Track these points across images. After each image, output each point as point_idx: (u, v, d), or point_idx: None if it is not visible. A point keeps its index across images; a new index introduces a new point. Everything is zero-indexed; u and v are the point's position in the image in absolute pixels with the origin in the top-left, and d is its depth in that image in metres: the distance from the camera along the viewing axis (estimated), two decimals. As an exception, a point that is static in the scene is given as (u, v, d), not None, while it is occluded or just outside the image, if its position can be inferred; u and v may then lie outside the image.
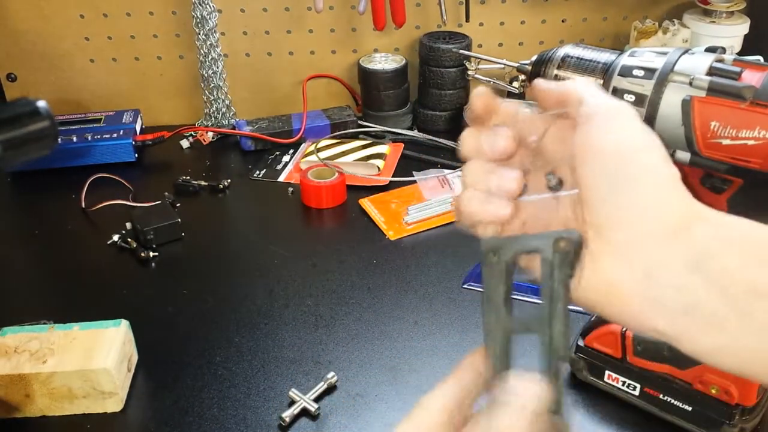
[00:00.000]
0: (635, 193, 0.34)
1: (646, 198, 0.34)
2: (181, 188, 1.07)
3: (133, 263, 0.92)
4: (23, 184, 1.11)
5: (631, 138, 0.35)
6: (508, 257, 0.35)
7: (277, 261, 0.92)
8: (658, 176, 0.34)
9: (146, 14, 1.19)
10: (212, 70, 1.18)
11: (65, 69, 1.23)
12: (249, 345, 0.78)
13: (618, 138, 0.35)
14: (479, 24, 1.24)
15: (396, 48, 1.25)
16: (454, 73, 1.18)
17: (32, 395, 0.68)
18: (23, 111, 0.47)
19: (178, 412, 0.70)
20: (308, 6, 1.18)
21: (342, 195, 1.03)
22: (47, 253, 0.97)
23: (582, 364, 0.70)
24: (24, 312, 0.81)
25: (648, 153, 0.35)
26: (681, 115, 0.54)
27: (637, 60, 0.57)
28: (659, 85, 0.55)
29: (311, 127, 1.19)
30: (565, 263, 0.34)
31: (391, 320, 0.81)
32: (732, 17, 1.15)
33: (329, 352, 0.76)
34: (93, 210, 1.02)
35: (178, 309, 0.84)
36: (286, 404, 0.70)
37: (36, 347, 0.70)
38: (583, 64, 0.61)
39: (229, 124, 1.23)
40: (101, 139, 1.12)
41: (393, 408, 0.70)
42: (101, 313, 0.75)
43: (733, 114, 0.51)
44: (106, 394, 0.69)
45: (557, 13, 1.24)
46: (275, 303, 0.84)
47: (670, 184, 0.34)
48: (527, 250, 0.35)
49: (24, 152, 0.47)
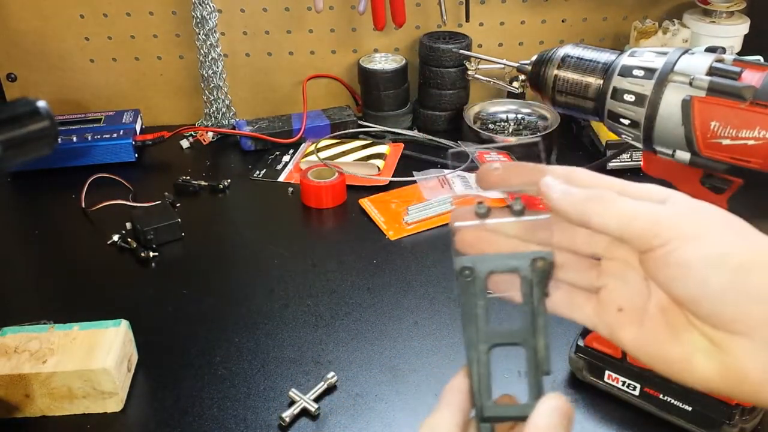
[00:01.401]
0: (757, 297, 0.32)
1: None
2: (181, 188, 1.07)
3: (133, 263, 0.92)
4: (23, 184, 1.11)
5: (729, 251, 0.33)
6: (483, 275, 0.36)
7: (277, 261, 0.92)
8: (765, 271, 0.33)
9: (146, 14, 1.19)
10: (212, 70, 1.18)
11: (65, 69, 1.23)
12: (249, 345, 0.78)
13: (718, 252, 0.33)
14: (479, 24, 1.24)
15: (396, 48, 1.25)
16: (454, 73, 1.18)
17: (32, 395, 0.68)
18: (23, 111, 0.46)
19: (178, 412, 0.70)
20: (308, 6, 1.18)
21: (342, 195, 1.03)
22: (47, 253, 0.97)
23: (582, 364, 0.70)
24: (24, 312, 0.81)
25: (751, 259, 0.33)
26: (681, 115, 0.54)
27: (637, 60, 0.57)
28: (659, 85, 0.55)
29: (311, 127, 1.19)
30: (543, 281, 0.36)
31: (391, 320, 0.81)
32: (732, 17, 1.15)
33: (329, 352, 0.76)
34: (93, 210, 1.02)
35: (178, 309, 0.84)
36: (286, 404, 0.70)
37: (36, 347, 0.70)
38: (583, 64, 0.61)
39: (229, 124, 1.23)
40: (101, 139, 1.12)
41: (393, 408, 0.70)
42: (101, 313, 0.75)
43: (733, 114, 0.51)
44: (106, 394, 0.69)
45: (557, 13, 1.24)
46: (275, 303, 0.84)
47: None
48: (503, 269, 0.36)
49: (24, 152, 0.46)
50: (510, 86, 1.04)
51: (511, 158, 1.11)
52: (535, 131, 1.17)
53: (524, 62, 0.68)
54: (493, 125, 1.20)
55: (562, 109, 0.65)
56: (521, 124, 1.20)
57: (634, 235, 0.34)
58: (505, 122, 1.20)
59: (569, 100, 0.63)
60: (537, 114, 1.20)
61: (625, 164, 1.07)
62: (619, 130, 0.59)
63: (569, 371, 0.72)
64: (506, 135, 1.17)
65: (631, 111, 0.57)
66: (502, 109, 1.22)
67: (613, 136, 0.70)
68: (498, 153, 1.12)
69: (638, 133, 0.57)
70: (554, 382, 0.72)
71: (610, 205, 0.35)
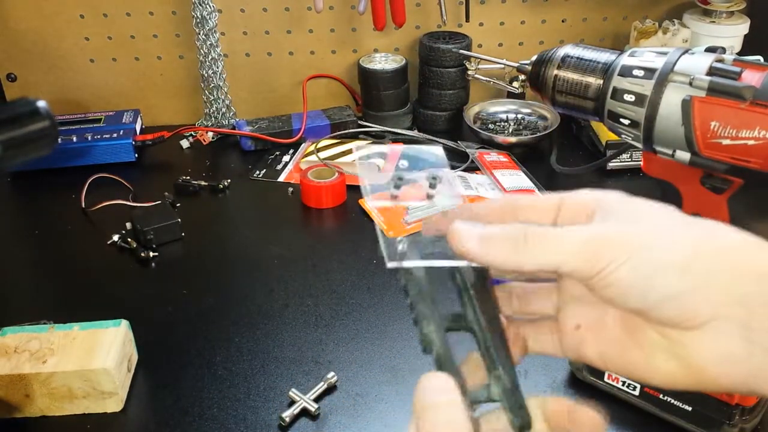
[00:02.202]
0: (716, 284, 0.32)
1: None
2: (181, 188, 1.07)
3: (133, 263, 0.92)
4: (23, 184, 1.11)
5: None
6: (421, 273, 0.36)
7: (277, 261, 0.92)
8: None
9: (146, 14, 1.19)
10: (212, 70, 1.18)
11: (65, 69, 1.23)
12: (249, 345, 0.78)
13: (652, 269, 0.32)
14: (479, 24, 1.24)
15: (396, 48, 1.25)
16: (454, 73, 1.18)
17: (32, 395, 0.68)
18: (23, 111, 0.46)
19: (178, 412, 0.70)
20: (308, 6, 1.18)
21: (342, 195, 1.03)
22: (47, 253, 0.97)
23: (582, 364, 0.70)
24: (24, 312, 0.81)
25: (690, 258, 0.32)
26: (681, 115, 0.54)
27: (637, 60, 0.57)
28: (659, 85, 0.55)
29: (311, 127, 1.19)
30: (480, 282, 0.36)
31: (391, 320, 0.81)
32: (732, 17, 1.15)
33: (329, 352, 0.76)
34: (93, 210, 1.02)
35: (178, 309, 0.84)
36: (286, 404, 0.70)
37: (36, 347, 0.70)
38: (583, 64, 0.61)
39: (229, 124, 1.23)
40: (101, 139, 1.12)
41: (393, 408, 0.70)
42: (101, 313, 0.75)
43: (733, 114, 0.51)
44: (106, 394, 0.69)
45: (557, 13, 1.24)
46: (275, 303, 0.84)
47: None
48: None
49: (24, 152, 0.46)
50: (510, 86, 1.04)
51: (511, 158, 1.11)
52: (535, 131, 1.17)
53: (524, 62, 0.68)
54: (493, 125, 1.20)
55: (562, 109, 0.65)
56: (521, 124, 1.20)
57: (570, 271, 0.33)
58: (505, 122, 1.20)
59: (569, 100, 0.63)
60: (537, 114, 1.20)
61: (625, 164, 1.07)
62: (619, 130, 0.59)
63: (569, 371, 0.72)
64: (506, 135, 1.17)
65: (631, 111, 0.57)
66: (502, 109, 1.22)
67: (613, 136, 0.70)
68: (498, 153, 1.12)
69: (638, 133, 0.57)
70: (554, 382, 0.72)
71: (537, 246, 0.33)
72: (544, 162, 1.10)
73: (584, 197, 0.36)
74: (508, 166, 1.08)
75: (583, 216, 0.35)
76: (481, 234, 0.34)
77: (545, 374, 0.73)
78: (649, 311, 0.33)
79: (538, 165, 1.10)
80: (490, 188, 1.02)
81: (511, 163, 1.10)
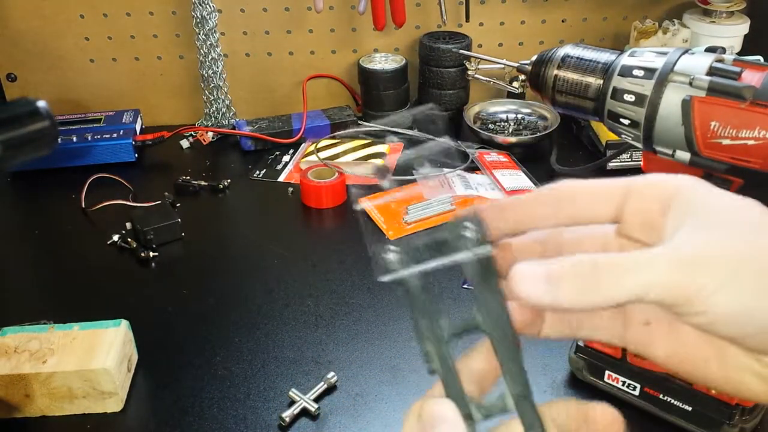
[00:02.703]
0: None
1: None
2: (181, 188, 1.07)
3: (133, 263, 0.92)
4: (23, 184, 1.11)
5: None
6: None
7: (277, 261, 0.92)
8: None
9: (146, 14, 1.19)
10: (212, 70, 1.18)
11: (65, 69, 1.23)
12: (249, 345, 0.78)
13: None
14: (479, 24, 1.24)
15: (396, 48, 1.25)
16: (454, 73, 1.18)
17: (32, 395, 0.68)
18: (23, 111, 0.46)
19: (178, 412, 0.70)
20: (308, 6, 1.18)
21: (342, 195, 1.03)
22: (47, 253, 0.97)
23: (582, 364, 0.70)
24: (24, 312, 0.81)
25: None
26: (681, 115, 0.54)
27: (637, 60, 0.57)
28: (659, 85, 0.55)
29: (311, 127, 1.19)
30: (489, 271, 0.32)
31: (391, 320, 0.81)
32: (732, 17, 1.15)
33: (329, 352, 0.76)
34: (93, 210, 1.02)
35: (178, 309, 0.84)
36: (286, 404, 0.70)
37: (36, 347, 0.70)
38: (583, 64, 0.61)
39: (229, 124, 1.23)
40: (101, 139, 1.12)
41: (393, 408, 0.70)
42: (101, 313, 0.75)
43: (733, 114, 0.51)
44: (106, 394, 0.69)
45: (557, 13, 1.24)
46: (275, 303, 0.84)
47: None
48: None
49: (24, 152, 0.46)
50: (510, 86, 1.04)
51: (511, 158, 1.11)
52: (535, 131, 1.17)
53: (524, 62, 0.68)
54: (493, 125, 1.20)
55: (562, 109, 0.65)
56: (521, 124, 1.20)
57: (652, 302, 0.28)
58: (505, 122, 1.20)
59: (569, 100, 0.63)
60: (537, 114, 1.20)
61: (625, 164, 1.07)
62: (619, 130, 0.59)
63: (569, 371, 0.72)
64: (506, 135, 1.17)
65: (631, 111, 0.57)
66: (502, 109, 1.22)
67: (613, 136, 0.70)
68: (498, 153, 1.12)
69: (638, 133, 0.57)
70: (554, 382, 0.72)
71: (612, 280, 0.27)
72: (544, 162, 1.10)
73: (658, 184, 0.30)
74: (508, 166, 1.08)
75: (656, 208, 0.30)
76: (548, 274, 0.28)
77: (545, 374, 0.72)
78: (744, 340, 0.28)
79: (538, 165, 1.10)
80: (490, 188, 1.03)
81: (511, 163, 1.10)
